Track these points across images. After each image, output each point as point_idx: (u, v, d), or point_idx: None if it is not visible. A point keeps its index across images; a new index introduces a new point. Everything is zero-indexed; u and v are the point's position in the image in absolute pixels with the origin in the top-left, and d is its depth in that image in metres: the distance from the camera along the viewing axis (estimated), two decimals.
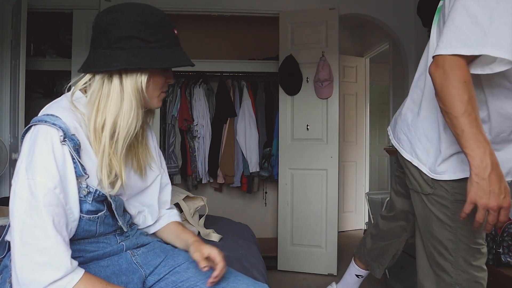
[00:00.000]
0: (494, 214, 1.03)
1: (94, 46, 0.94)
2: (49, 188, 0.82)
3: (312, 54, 3.11)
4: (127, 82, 0.93)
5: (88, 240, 0.98)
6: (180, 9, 3.25)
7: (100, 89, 0.93)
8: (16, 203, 0.81)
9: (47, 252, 0.80)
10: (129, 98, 0.93)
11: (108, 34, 0.91)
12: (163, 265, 1.10)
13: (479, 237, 1.27)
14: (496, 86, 1.13)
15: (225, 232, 1.83)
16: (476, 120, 1.03)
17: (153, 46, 0.93)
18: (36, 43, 3.52)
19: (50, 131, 0.86)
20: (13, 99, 2.87)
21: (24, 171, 0.83)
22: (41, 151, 0.84)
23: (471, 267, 1.27)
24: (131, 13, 0.92)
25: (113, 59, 0.90)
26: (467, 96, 1.02)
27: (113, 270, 1.01)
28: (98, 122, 0.92)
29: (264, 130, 3.62)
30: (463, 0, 1.02)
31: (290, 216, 3.19)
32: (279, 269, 3.19)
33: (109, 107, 0.92)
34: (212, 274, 1.00)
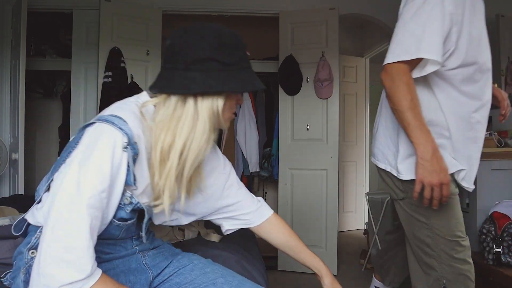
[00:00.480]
0: (437, 189, 1.24)
1: (169, 66, 0.91)
2: (98, 191, 0.81)
3: (312, 54, 3.11)
4: (203, 105, 0.91)
5: (106, 241, 0.97)
6: (180, 9, 3.25)
7: (174, 110, 0.90)
8: (60, 193, 0.80)
9: (75, 252, 0.78)
10: (204, 121, 0.91)
11: (185, 54, 0.89)
12: (169, 266, 1.10)
13: (456, 230, 1.37)
14: (445, 90, 1.33)
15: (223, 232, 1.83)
16: (419, 114, 1.25)
17: (229, 69, 0.91)
18: (36, 43, 3.52)
19: (115, 134, 0.84)
20: (13, 99, 2.87)
21: (77, 165, 0.81)
22: (101, 152, 0.82)
23: (454, 260, 1.37)
24: (209, 34, 0.90)
25: (191, 81, 0.88)
26: (410, 95, 1.25)
27: (122, 269, 1.01)
28: (166, 142, 0.90)
29: (264, 130, 3.62)
30: (403, 19, 1.29)
31: (290, 216, 3.19)
32: (279, 269, 3.19)
33: (181, 129, 0.90)
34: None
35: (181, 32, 0.91)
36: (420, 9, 1.26)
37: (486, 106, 1.39)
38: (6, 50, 2.99)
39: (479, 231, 1.70)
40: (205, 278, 1.07)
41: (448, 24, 1.25)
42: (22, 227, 0.98)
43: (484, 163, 1.80)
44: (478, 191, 1.80)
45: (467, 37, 1.29)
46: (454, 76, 1.32)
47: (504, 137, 1.94)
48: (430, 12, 1.24)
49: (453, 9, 1.25)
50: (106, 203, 0.85)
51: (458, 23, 1.26)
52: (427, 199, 1.26)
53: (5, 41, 2.98)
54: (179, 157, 0.91)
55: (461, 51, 1.29)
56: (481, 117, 1.38)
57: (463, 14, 1.27)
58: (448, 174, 1.26)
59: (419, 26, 1.25)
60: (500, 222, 1.60)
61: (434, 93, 1.34)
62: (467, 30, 1.28)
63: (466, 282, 1.38)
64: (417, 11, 1.26)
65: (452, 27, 1.26)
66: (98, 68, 2.98)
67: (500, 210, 1.67)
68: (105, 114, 0.88)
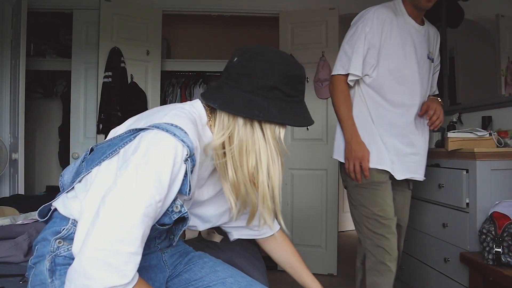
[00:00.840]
0: (357, 164, 1.70)
1: (233, 84, 0.91)
2: (155, 201, 0.79)
3: (312, 54, 3.11)
4: (267, 131, 0.92)
5: None
6: (180, 9, 3.25)
7: (251, 135, 0.92)
8: (113, 196, 0.77)
9: (122, 258, 0.76)
10: (274, 147, 0.93)
11: (254, 79, 0.90)
12: (180, 263, 1.12)
13: (376, 211, 1.72)
14: (372, 98, 1.75)
15: (225, 233, 1.83)
16: (348, 112, 1.75)
17: (290, 101, 0.92)
18: (36, 43, 3.52)
19: (177, 146, 0.83)
20: (13, 99, 2.87)
21: (134, 171, 0.79)
22: (162, 162, 0.81)
23: (374, 235, 1.73)
24: (280, 64, 0.91)
25: (255, 107, 0.89)
26: (344, 100, 1.75)
27: (143, 264, 1.00)
28: (250, 165, 0.91)
29: None
30: (343, 41, 1.78)
31: (290, 216, 3.19)
32: (279, 269, 3.18)
33: (259, 152, 0.92)
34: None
35: (252, 55, 0.92)
36: (352, 35, 1.74)
37: (410, 110, 1.75)
38: (6, 50, 2.99)
39: (479, 231, 1.70)
40: (215, 276, 1.08)
41: (367, 46, 1.71)
42: (47, 213, 0.96)
43: (484, 163, 1.80)
44: (478, 191, 1.80)
45: (387, 56, 1.72)
46: (379, 86, 1.74)
47: (504, 137, 1.94)
48: (357, 38, 1.71)
49: (371, 35, 1.70)
50: (159, 212, 0.84)
51: (376, 45, 1.71)
52: (351, 172, 1.72)
53: (5, 41, 2.98)
54: (268, 183, 0.93)
55: (382, 66, 1.73)
56: (407, 119, 1.75)
57: (380, 39, 1.71)
58: (366, 154, 1.69)
59: (350, 48, 1.73)
60: (500, 222, 1.60)
61: (365, 100, 1.77)
62: (386, 51, 1.72)
63: (383, 254, 1.71)
64: (351, 36, 1.75)
65: (370, 48, 1.71)
66: (98, 68, 2.98)
67: (500, 210, 1.67)
68: (163, 121, 0.86)
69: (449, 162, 2.01)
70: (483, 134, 1.90)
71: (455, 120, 2.50)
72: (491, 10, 2.37)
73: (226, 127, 0.92)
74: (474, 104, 2.46)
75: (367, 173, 1.69)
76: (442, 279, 2.01)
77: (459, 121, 2.53)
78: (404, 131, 1.75)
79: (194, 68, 3.55)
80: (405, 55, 1.74)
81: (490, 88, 2.37)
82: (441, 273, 2.03)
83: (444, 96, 2.77)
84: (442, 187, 2.00)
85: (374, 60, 1.72)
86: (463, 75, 2.69)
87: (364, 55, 1.71)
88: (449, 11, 2.71)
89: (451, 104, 2.71)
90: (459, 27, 2.64)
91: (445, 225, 1.99)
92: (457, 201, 1.89)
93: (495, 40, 2.30)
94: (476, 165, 1.80)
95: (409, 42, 1.75)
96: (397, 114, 1.74)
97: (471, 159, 1.83)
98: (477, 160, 1.80)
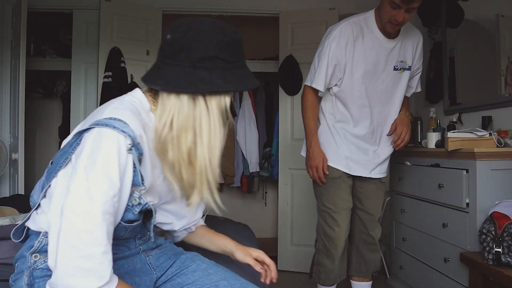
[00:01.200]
0: (314, 170, 1.94)
1: (173, 62, 0.90)
2: (110, 196, 0.80)
3: (312, 54, 3.07)
4: (212, 103, 0.92)
5: None
6: (180, 9, 3.25)
7: (189, 109, 0.90)
8: (69, 203, 0.78)
9: (94, 259, 0.77)
10: (217, 118, 0.92)
11: (191, 52, 0.88)
12: (172, 266, 1.10)
13: (329, 204, 1.96)
14: (337, 108, 1.97)
15: (225, 232, 1.82)
16: (309, 123, 1.97)
17: (231, 67, 0.92)
18: (36, 43, 3.52)
19: (118, 138, 0.83)
20: (13, 99, 2.86)
21: (83, 172, 0.80)
22: (107, 156, 0.81)
23: (324, 225, 1.99)
24: (215, 32, 0.90)
25: (199, 80, 0.88)
26: (310, 109, 1.97)
27: (127, 270, 1.00)
28: (189, 142, 0.90)
29: (264, 130, 3.62)
30: (315, 55, 1.97)
31: (290, 216, 3.19)
32: (279, 269, 3.19)
33: (200, 128, 0.91)
34: (271, 275, 1.15)
35: (184, 29, 0.90)
36: (320, 50, 1.92)
37: (362, 123, 1.94)
38: (6, 50, 2.99)
39: (479, 231, 1.70)
40: (208, 279, 1.06)
41: (333, 62, 1.87)
42: (21, 233, 0.98)
43: (484, 163, 1.80)
44: (478, 191, 1.80)
45: (349, 72, 1.88)
46: (343, 97, 1.93)
47: (504, 137, 1.94)
48: (323, 54, 1.88)
49: (336, 53, 1.85)
50: (117, 207, 0.84)
51: (341, 61, 1.87)
52: (311, 177, 1.99)
53: (5, 41, 2.98)
54: (207, 157, 0.91)
55: (345, 80, 1.90)
56: (359, 131, 1.95)
57: (345, 55, 1.86)
58: (320, 162, 1.92)
59: (318, 63, 1.91)
60: (500, 222, 1.60)
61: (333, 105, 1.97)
62: (349, 66, 1.87)
63: (329, 242, 1.97)
64: (320, 51, 1.92)
65: (337, 64, 1.87)
66: (98, 68, 2.98)
67: (500, 210, 1.67)
68: (102, 117, 0.86)
69: (449, 162, 2.01)
70: (483, 134, 1.90)
71: (455, 120, 2.50)
72: (491, 10, 2.37)
73: (169, 109, 0.91)
74: (474, 104, 2.46)
75: (323, 179, 1.94)
76: (442, 279, 2.01)
77: (459, 121, 2.53)
78: (357, 140, 1.96)
79: None
80: (365, 72, 1.88)
81: (490, 88, 2.37)
82: (441, 273, 2.03)
83: (444, 96, 2.77)
84: (442, 187, 2.00)
85: (340, 74, 1.90)
86: (463, 75, 2.69)
87: (326, 71, 1.88)
88: (449, 11, 2.71)
89: (451, 104, 2.71)
90: (459, 27, 2.64)
91: (445, 225, 1.99)
92: (457, 201, 1.90)
93: (495, 40, 2.30)
94: (476, 165, 1.80)
95: (371, 59, 1.88)
96: (351, 126, 1.95)
97: (471, 159, 1.83)
98: (477, 160, 1.80)
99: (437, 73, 2.84)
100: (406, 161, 2.43)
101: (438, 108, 2.79)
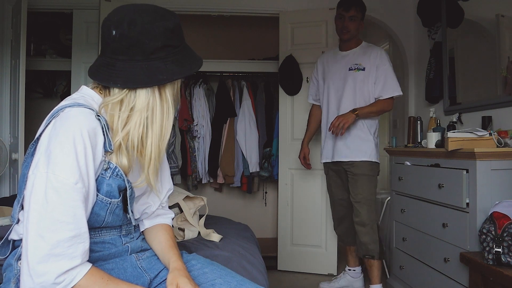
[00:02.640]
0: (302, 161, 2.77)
1: (125, 58, 0.90)
2: (72, 183, 0.82)
3: (312, 54, 3.10)
4: (167, 90, 0.94)
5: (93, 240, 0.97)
6: (180, 9, 3.24)
7: (147, 104, 0.92)
8: (34, 195, 0.81)
9: (64, 244, 0.80)
10: (171, 105, 0.95)
11: (142, 46, 0.89)
12: (166, 268, 1.09)
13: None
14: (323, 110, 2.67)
15: (225, 232, 1.83)
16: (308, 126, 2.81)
17: (179, 50, 0.94)
18: (36, 43, 3.52)
19: (81, 110, 0.88)
20: (13, 99, 2.87)
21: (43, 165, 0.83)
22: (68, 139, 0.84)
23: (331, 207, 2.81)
24: (159, 21, 0.90)
25: (156, 71, 0.90)
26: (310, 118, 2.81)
27: (118, 274, 1.00)
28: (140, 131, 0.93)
29: (264, 130, 3.62)
30: None
31: (290, 216, 3.19)
32: (279, 269, 3.19)
33: (155, 117, 0.93)
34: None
35: (129, 23, 0.89)
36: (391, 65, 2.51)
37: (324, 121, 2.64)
38: (6, 50, 2.99)
39: (479, 231, 1.70)
40: (204, 278, 1.05)
41: (316, 82, 2.71)
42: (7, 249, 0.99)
43: (484, 163, 1.80)
44: (478, 191, 1.80)
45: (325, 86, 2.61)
46: None
47: (504, 137, 1.94)
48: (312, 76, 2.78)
49: (316, 75, 2.71)
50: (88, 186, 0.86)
51: (320, 81, 2.67)
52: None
53: (5, 41, 2.98)
54: (158, 144, 0.94)
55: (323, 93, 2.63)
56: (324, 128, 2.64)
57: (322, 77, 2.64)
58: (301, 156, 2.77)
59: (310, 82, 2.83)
60: (500, 222, 1.60)
61: None
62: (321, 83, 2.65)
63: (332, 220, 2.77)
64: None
65: (318, 82, 2.69)
66: None
67: (500, 210, 1.66)
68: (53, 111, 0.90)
69: (449, 162, 2.01)
70: (483, 134, 1.90)
71: (455, 120, 2.51)
72: (491, 10, 2.37)
73: (127, 104, 0.92)
74: (474, 104, 2.46)
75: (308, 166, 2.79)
76: (442, 279, 2.01)
77: (459, 121, 2.53)
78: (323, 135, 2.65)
79: None
80: (327, 83, 2.59)
81: (490, 88, 2.37)
82: (441, 273, 2.03)
83: (444, 96, 2.77)
84: (442, 187, 2.00)
85: (318, 79, 2.69)
86: (463, 75, 2.69)
87: (314, 88, 2.74)
88: (449, 11, 2.71)
89: (451, 104, 2.71)
90: (459, 27, 2.64)
91: (445, 225, 1.99)
92: (457, 201, 1.89)
93: (495, 40, 2.30)
94: (476, 165, 1.80)
95: (332, 70, 2.57)
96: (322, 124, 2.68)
97: (471, 159, 1.83)
98: (477, 160, 1.80)
99: (437, 73, 2.84)
100: (406, 161, 2.43)
101: (438, 108, 2.80)
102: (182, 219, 1.81)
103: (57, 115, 0.88)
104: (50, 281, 0.79)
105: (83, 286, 0.83)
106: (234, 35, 3.95)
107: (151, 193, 1.13)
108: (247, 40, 3.96)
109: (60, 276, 0.80)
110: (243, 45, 3.95)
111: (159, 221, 1.16)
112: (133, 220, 1.03)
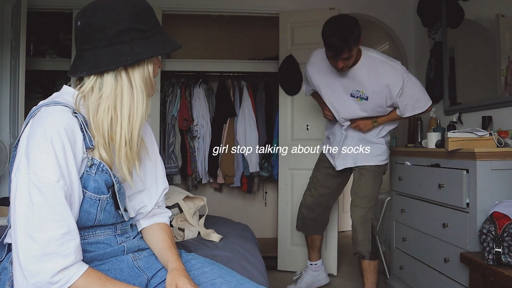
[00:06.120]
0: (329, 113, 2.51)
1: (90, 46, 0.91)
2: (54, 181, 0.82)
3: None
4: (135, 74, 0.93)
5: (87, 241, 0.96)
6: (180, 9, 3.25)
7: (112, 88, 0.92)
8: (18, 197, 0.81)
9: (55, 242, 0.80)
10: (140, 90, 0.94)
11: (105, 31, 0.89)
12: (164, 268, 1.08)
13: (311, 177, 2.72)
14: None
15: (225, 232, 1.83)
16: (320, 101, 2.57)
17: (149, 35, 0.93)
18: (36, 43, 3.52)
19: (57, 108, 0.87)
20: (13, 99, 2.86)
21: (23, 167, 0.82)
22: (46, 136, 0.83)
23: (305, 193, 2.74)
24: (122, 5, 0.91)
25: (120, 54, 0.89)
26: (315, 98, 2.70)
27: (114, 275, 0.99)
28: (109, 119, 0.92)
29: (264, 130, 3.62)
30: None
31: (290, 216, 3.19)
32: (279, 269, 3.19)
33: (122, 104, 0.92)
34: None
35: (91, 10, 0.91)
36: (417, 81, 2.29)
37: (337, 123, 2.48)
38: (6, 50, 2.99)
39: (479, 231, 1.69)
40: (204, 278, 1.05)
41: (309, 79, 2.47)
42: (3, 252, 0.99)
43: (484, 163, 1.80)
44: (478, 191, 1.80)
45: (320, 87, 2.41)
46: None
47: (504, 137, 1.93)
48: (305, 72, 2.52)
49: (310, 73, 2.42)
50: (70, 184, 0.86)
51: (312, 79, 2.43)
52: None
53: (5, 41, 2.98)
54: (128, 130, 0.93)
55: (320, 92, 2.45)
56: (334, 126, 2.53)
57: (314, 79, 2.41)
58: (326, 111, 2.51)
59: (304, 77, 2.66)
60: (500, 222, 1.60)
61: None
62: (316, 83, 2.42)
63: (300, 210, 2.72)
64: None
65: (310, 81, 2.47)
66: None
67: (500, 210, 1.66)
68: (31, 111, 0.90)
69: (449, 162, 2.01)
70: (483, 134, 1.90)
71: (455, 120, 2.50)
72: (491, 10, 2.37)
73: (97, 91, 0.92)
74: (474, 104, 2.46)
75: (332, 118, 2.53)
76: (442, 279, 2.01)
77: (459, 121, 2.53)
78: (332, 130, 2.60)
79: (194, 68, 3.55)
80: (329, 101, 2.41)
81: (490, 88, 2.37)
82: (441, 273, 2.03)
83: (444, 96, 2.77)
84: (442, 187, 2.00)
85: (313, 86, 2.47)
86: (463, 75, 2.69)
87: (307, 84, 2.55)
88: (449, 11, 2.71)
89: (451, 104, 2.71)
90: (459, 27, 2.64)
91: (445, 225, 1.99)
92: (457, 201, 1.89)
93: (495, 40, 2.30)
94: (476, 165, 1.80)
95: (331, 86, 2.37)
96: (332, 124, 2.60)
97: (471, 159, 1.83)
98: (477, 160, 1.80)
99: (437, 73, 2.84)
100: (406, 161, 2.43)
101: (438, 108, 2.79)
102: (182, 219, 1.81)
103: (34, 115, 0.89)
104: (45, 280, 0.79)
105: (80, 287, 0.83)
106: (234, 35, 3.95)
107: (146, 192, 1.12)
108: (247, 40, 3.96)
109: (56, 275, 0.80)
110: (243, 45, 3.95)
111: (156, 220, 1.16)
112: (125, 216, 1.03)
